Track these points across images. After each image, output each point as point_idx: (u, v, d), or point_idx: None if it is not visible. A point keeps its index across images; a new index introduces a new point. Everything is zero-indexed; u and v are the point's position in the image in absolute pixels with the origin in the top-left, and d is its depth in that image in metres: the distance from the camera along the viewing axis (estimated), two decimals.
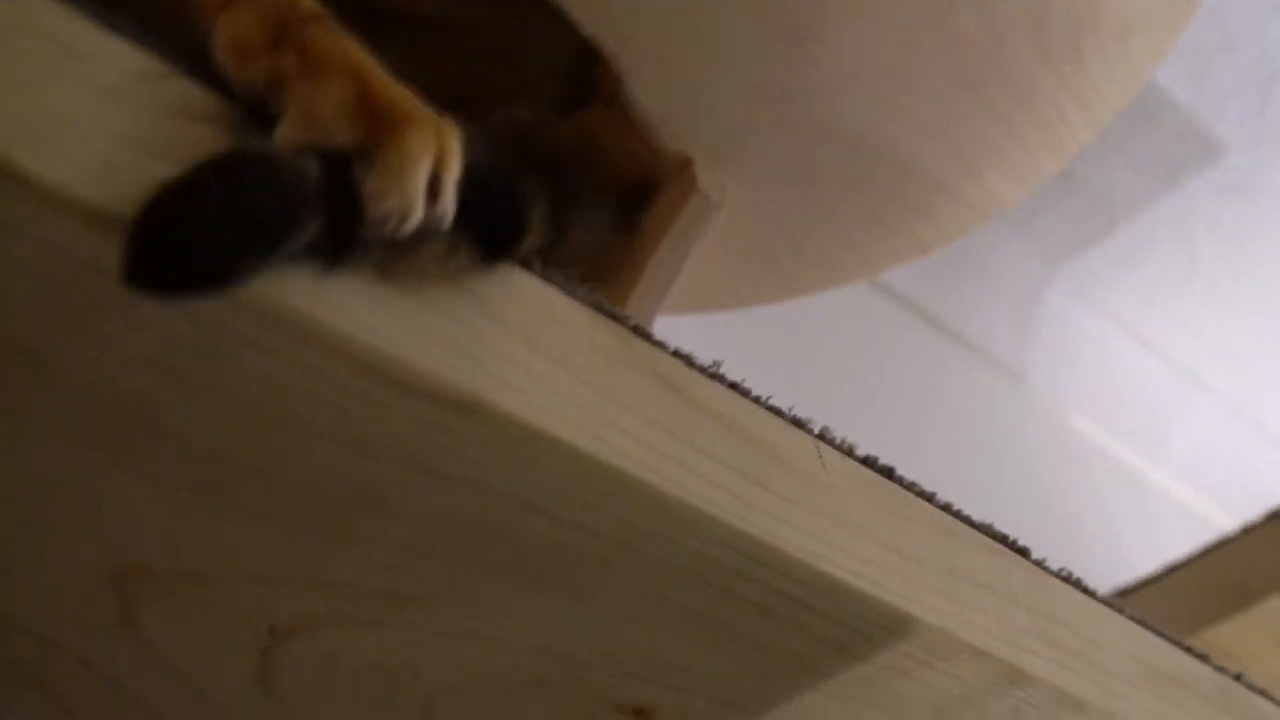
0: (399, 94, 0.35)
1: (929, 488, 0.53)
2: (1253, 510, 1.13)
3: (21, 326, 0.33)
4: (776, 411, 0.46)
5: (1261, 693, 0.63)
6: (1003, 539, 0.53)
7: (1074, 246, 1.51)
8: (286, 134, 0.33)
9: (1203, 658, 0.61)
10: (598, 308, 0.41)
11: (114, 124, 0.31)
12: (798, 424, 0.46)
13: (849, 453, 0.49)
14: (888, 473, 0.49)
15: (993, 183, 0.89)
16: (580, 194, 0.62)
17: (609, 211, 0.72)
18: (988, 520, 0.54)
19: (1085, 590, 0.56)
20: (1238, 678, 0.63)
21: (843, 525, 0.45)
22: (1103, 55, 0.83)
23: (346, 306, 0.33)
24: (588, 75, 0.71)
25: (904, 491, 0.49)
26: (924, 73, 0.82)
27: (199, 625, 0.43)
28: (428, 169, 0.34)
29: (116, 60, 0.33)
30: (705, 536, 0.40)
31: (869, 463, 0.49)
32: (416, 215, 0.33)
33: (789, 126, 0.85)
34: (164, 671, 0.45)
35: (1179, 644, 0.59)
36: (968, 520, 0.52)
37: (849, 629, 0.45)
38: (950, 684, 0.49)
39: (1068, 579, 0.55)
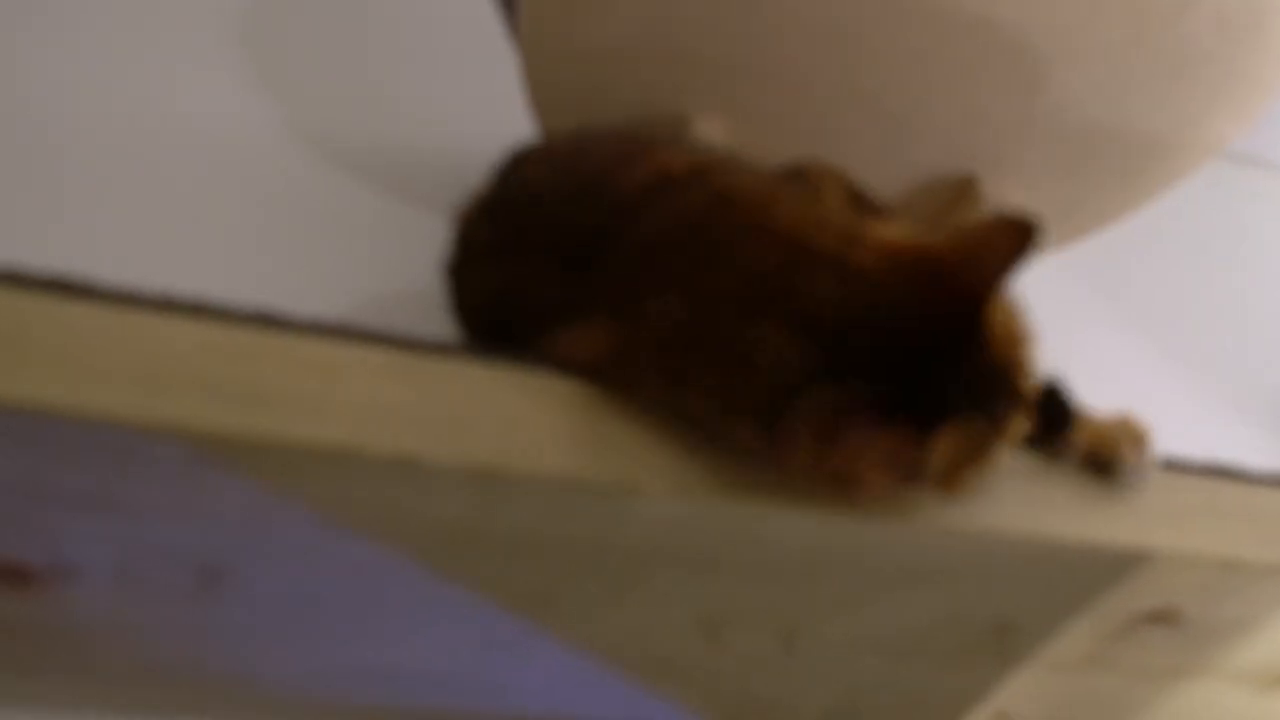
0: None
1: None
2: None
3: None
4: None
5: None
6: (1218, 469, 0.84)
7: None
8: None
9: None
10: None
11: None
12: None
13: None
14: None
15: (1215, 127, 1.14)
16: None
17: None
18: None
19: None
20: None
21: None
22: (1277, 24, 1.06)
23: None
24: None
25: None
26: (1137, 77, 1.09)
27: (751, 634, 0.83)
28: None
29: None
30: (1008, 549, 0.75)
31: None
32: None
33: (1043, 137, 1.13)
34: (737, 658, 0.85)
35: None
36: (1187, 465, 0.83)
37: (1109, 567, 0.79)
38: (1187, 579, 0.81)
39: (1273, 480, 0.85)
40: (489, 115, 1.19)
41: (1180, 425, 1.27)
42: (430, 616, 0.79)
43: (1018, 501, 0.77)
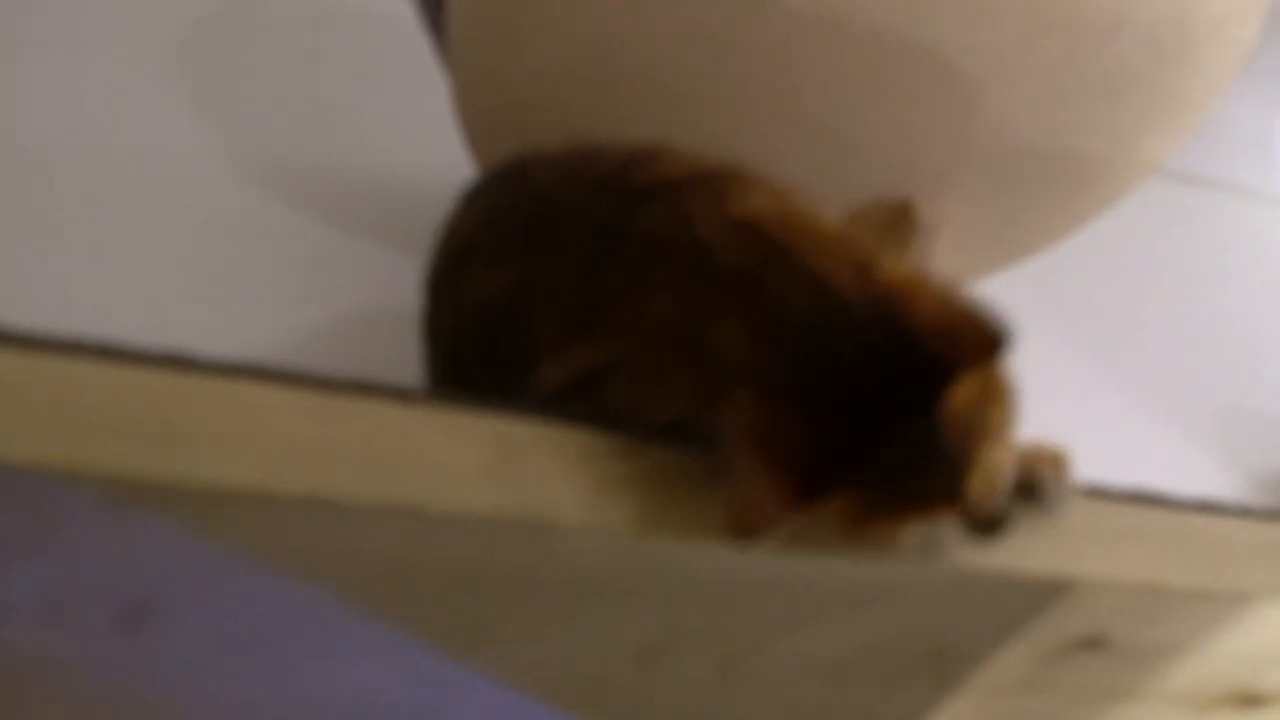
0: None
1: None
2: None
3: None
4: None
5: None
6: (1146, 495, 0.85)
7: None
8: None
9: None
10: None
11: None
12: None
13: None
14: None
15: (1150, 145, 1.15)
16: None
17: None
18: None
19: (1214, 508, 0.86)
20: None
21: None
22: (1206, 45, 1.07)
23: None
24: None
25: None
26: (1069, 97, 1.10)
27: (686, 662, 0.83)
28: None
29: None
30: (936, 575, 0.76)
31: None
32: None
33: (979, 157, 1.14)
34: (673, 687, 0.85)
35: None
36: (1115, 492, 0.84)
37: (1039, 593, 0.79)
38: (1115, 603, 0.82)
39: (1199, 504, 0.86)
40: (432, 144, 1.19)
41: (1126, 445, 1.28)
42: (361, 651, 0.79)
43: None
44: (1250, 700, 0.97)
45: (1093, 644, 0.87)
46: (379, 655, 0.80)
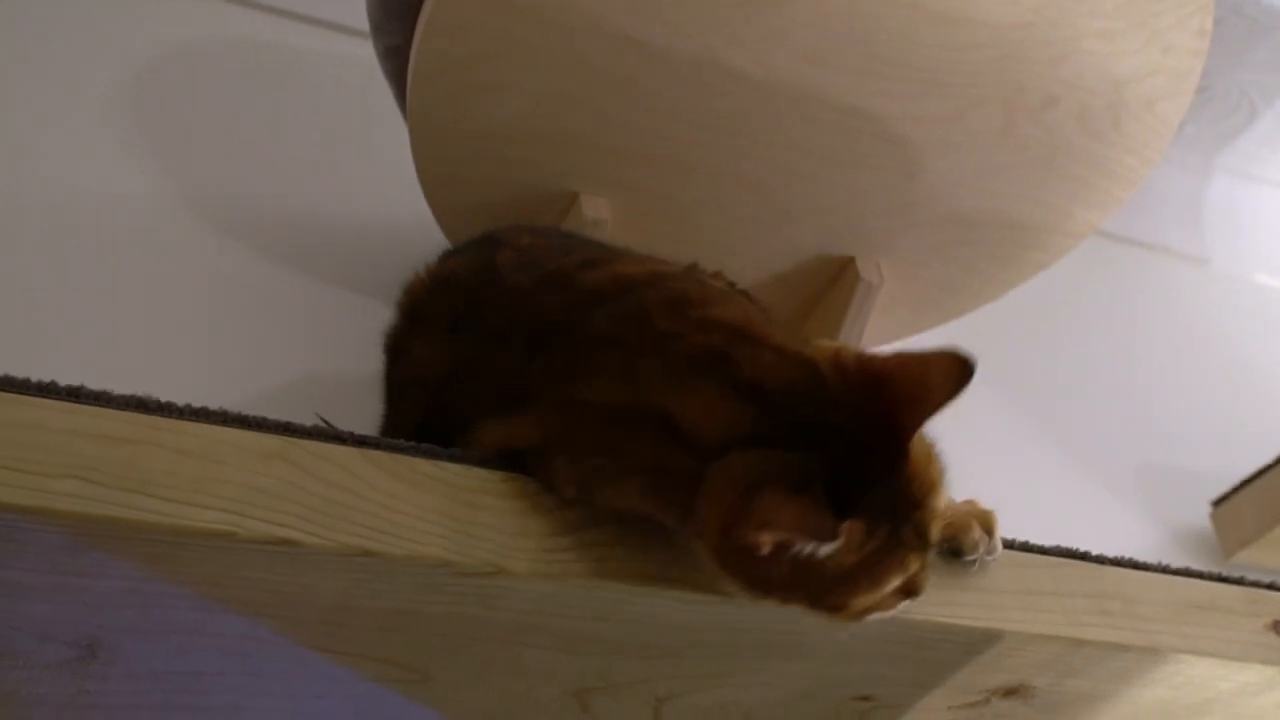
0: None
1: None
2: None
3: None
4: None
5: None
6: (1066, 553, 0.89)
7: (1223, 141, 1.77)
8: None
9: (1236, 580, 0.94)
10: None
11: None
12: None
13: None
14: None
15: (1082, 215, 1.20)
16: None
17: None
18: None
19: (1132, 564, 0.90)
20: (1270, 586, 0.95)
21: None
22: (1137, 121, 1.13)
23: None
24: None
25: None
26: (1007, 167, 1.14)
27: (622, 705, 0.86)
28: None
29: None
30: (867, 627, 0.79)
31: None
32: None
33: (918, 221, 1.18)
34: None
35: (1212, 576, 0.93)
36: (1038, 549, 0.87)
37: (964, 645, 0.83)
38: (1037, 656, 0.85)
39: (1117, 561, 0.90)
40: (386, 189, 1.21)
41: (1051, 500, 1.31)
42: (309, 690, 0.81)
43: None
44: None
45: (1013, 693, 0.91)
46: (327, 696, 0.82)
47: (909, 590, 0.70)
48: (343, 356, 0.92)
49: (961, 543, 0.81)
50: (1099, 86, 1.10)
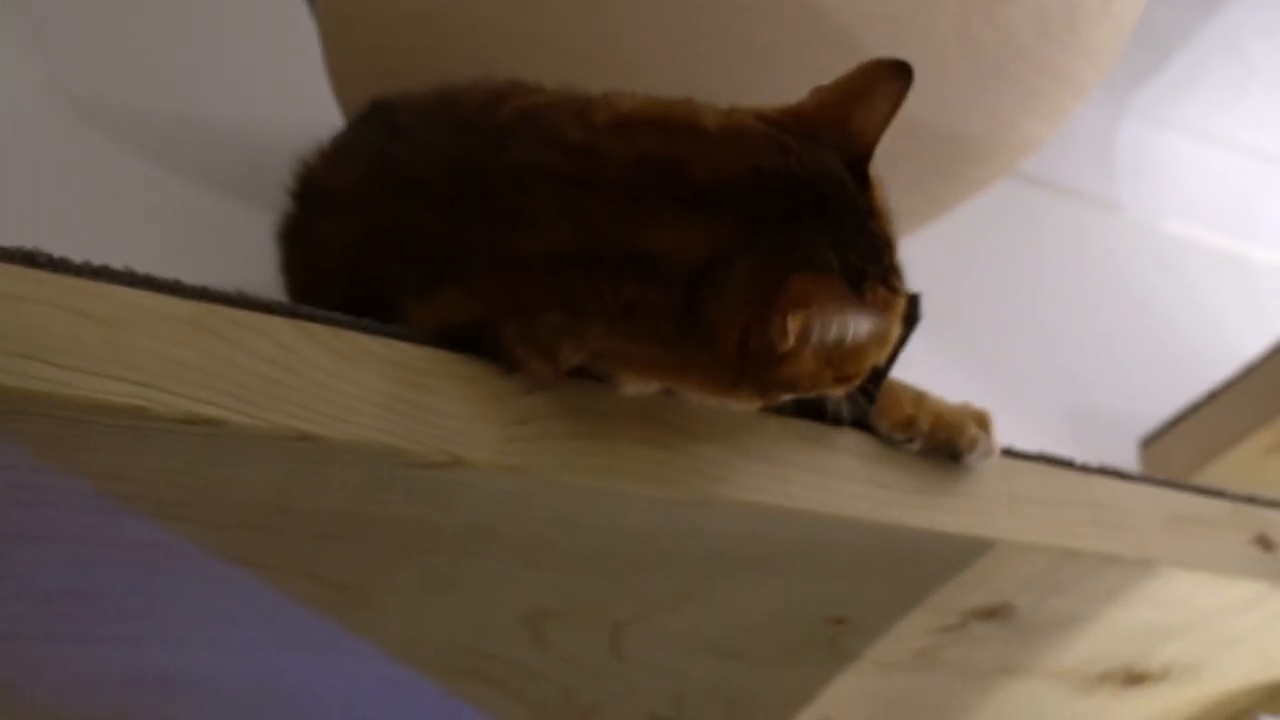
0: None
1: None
2: None
3: None
4: None
5: (1272, 504, 0.90)
6: (1052, 460, 0.82)
7: (1134, 82, 1.73)
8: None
9: (1218, 493, 0.89)
10: None
11: None
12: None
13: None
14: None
15: (1028, 128, 1.14)
16: None
17: None
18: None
19: (1117, 473, 0.84)
20: (1250, 499, 0.90)
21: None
22: (1093, 24, 1.07)
23: None
24: None
25: None
26: (958, 73, 1.08)
27: (576, 632, 0.76)
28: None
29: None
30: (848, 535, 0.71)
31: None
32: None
33: None
34: (560, 659, 0.78)
35: (1194, 489, 0.87)
36: (1023, 454, 0.81)
37: (949, 557, 0.75)
38: (1024, 570, 0.79)
39: (1103, 470, 0.83)
40: (298, 95, 1.11)
41: None
42: (225, 615, 0.71)
43: (857, 486, 0.73)
44: (1134, 679, 0.95)
45: (994, 614, 0.84)
46: (244, 621, 0.71)
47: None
48: (240, 271, 0.82)
49: (958, 442, 0.74)
50: None
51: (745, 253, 0.60)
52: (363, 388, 0.61)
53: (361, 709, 0.77)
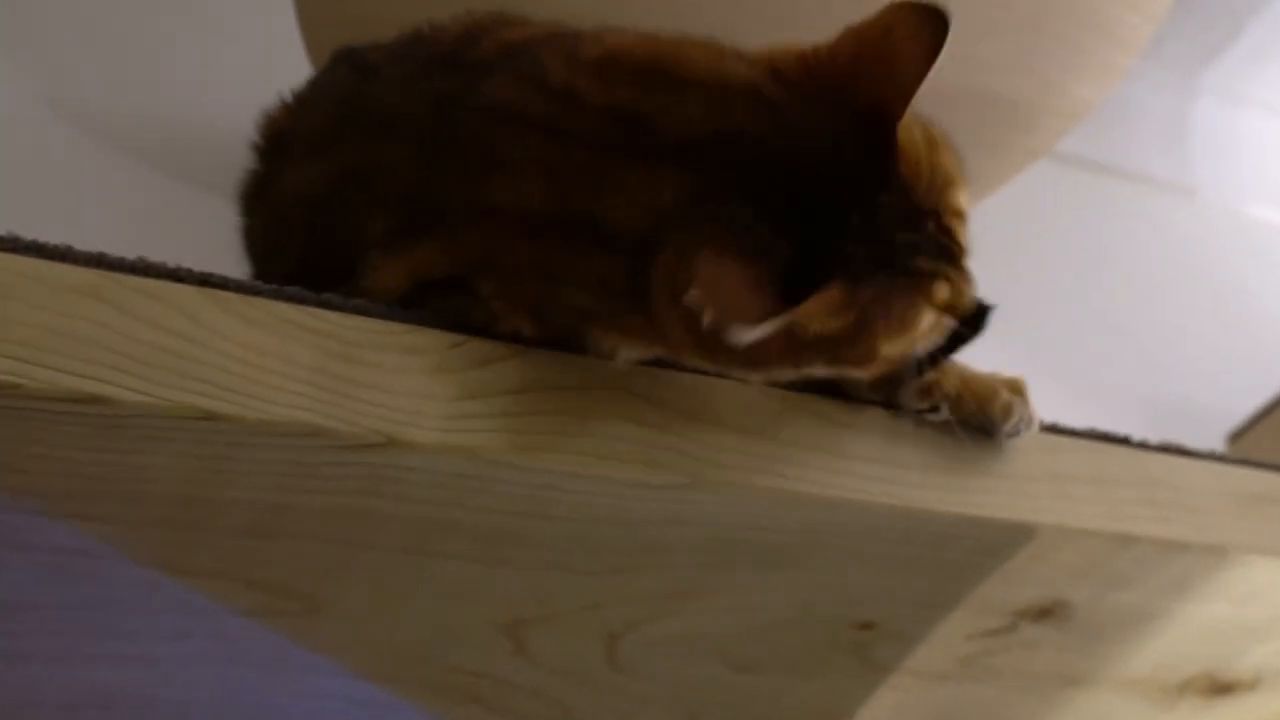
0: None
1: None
2: None
3: None
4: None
5: None
6: (1102, 436, 0.72)
7: (1207, 58, 1.63)
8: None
9: None
10: None
11: None
12: None
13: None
14: None
15: (1077, 91, 1.05)
16: None
17: None
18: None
19: (1179, 450, 0.74)
20: None
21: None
22: None
23: None
24: None
25: None
26: (993, 28, 0.99)
27: (565, 641, 0.68)
28: None
29: None
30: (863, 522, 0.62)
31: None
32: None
33: None
34: (551, 673, 0.70)
35: (1268, 465, 0.77)
36: (1067, 430, 0.71)
37: (986, 547, 0.66)
38: (1075, 559, 0.69)
39: (1163, 447, 0.74)
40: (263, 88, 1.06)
41: None
42: (165, 630, 0.63)
43: (872, 467, 0.64)
44: (1221, 688, 0.85)
45: (1047, 613, 0.74)
46: (183, 634, 0.64)
47: (952, 311, 0.57)
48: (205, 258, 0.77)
49: (989, 409, 0.65)
50: None
51: (679, 226, 0.53)
52: (284, 362, 0.54)
53: None
